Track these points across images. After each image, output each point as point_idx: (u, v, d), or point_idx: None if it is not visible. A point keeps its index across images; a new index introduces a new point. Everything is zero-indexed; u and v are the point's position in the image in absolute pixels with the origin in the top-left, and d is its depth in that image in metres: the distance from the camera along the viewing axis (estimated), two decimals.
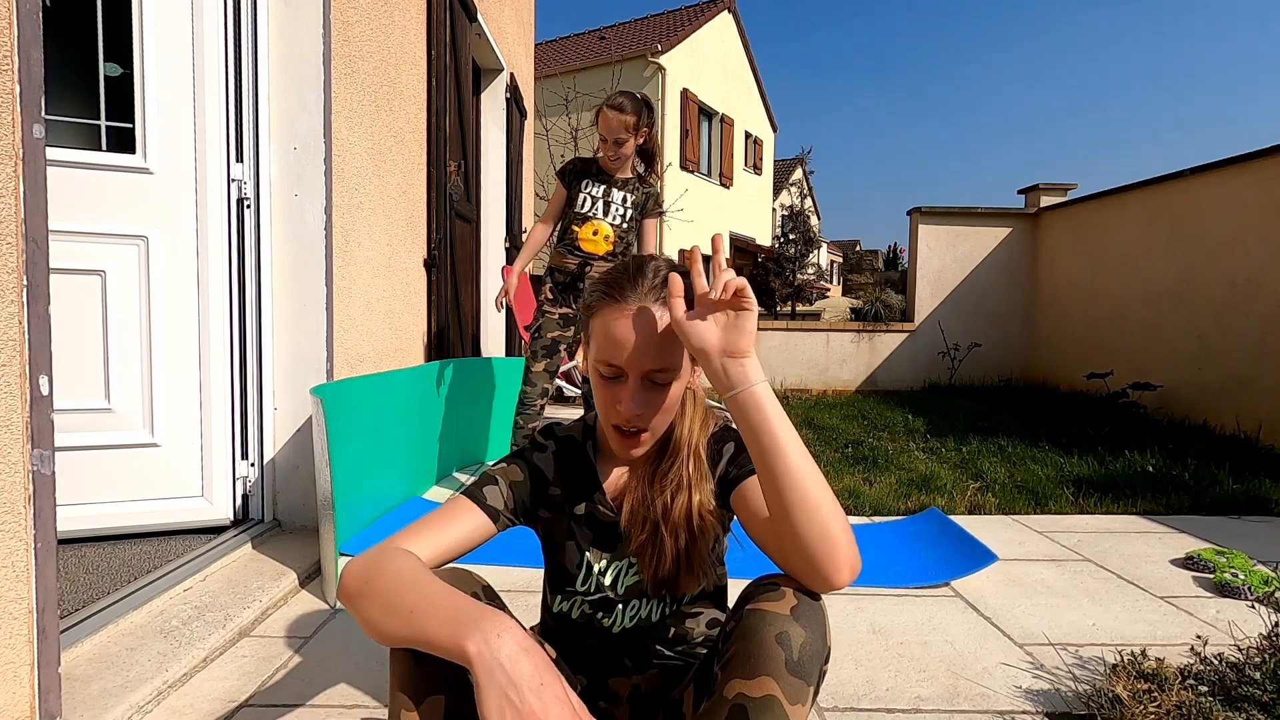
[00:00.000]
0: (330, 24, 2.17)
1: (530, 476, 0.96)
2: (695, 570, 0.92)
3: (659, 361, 0.85)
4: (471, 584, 0.81)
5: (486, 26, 4.24)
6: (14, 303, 1.09)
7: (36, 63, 1.11)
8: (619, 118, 2.45)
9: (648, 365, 0.84)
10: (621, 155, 2.51)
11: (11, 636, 1.11)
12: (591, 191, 2.57)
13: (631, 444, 0.88)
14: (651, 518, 0.91)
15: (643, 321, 0.84)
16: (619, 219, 2.59)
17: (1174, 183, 4.63)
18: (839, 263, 30.82)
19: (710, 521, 0.91)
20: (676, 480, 0.91)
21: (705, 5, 16.49)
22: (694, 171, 15.52)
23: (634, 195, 2.59)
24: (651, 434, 0.89)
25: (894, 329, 6.46)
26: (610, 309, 0.86)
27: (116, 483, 1.97)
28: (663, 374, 0.85)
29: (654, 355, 0.84)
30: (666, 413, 0.88)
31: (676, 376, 0.87)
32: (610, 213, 2.58)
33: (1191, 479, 3.01)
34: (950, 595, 1.91)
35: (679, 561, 0.90)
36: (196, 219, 2.02)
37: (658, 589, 0.93)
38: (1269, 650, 1.37)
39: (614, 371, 0.86)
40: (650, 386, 0.86)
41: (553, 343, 2.60)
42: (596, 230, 2.56)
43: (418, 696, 0.72)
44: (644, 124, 2.50)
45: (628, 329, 0.84)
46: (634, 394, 0.85)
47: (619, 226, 2.59)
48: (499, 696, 0.63)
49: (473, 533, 0.88)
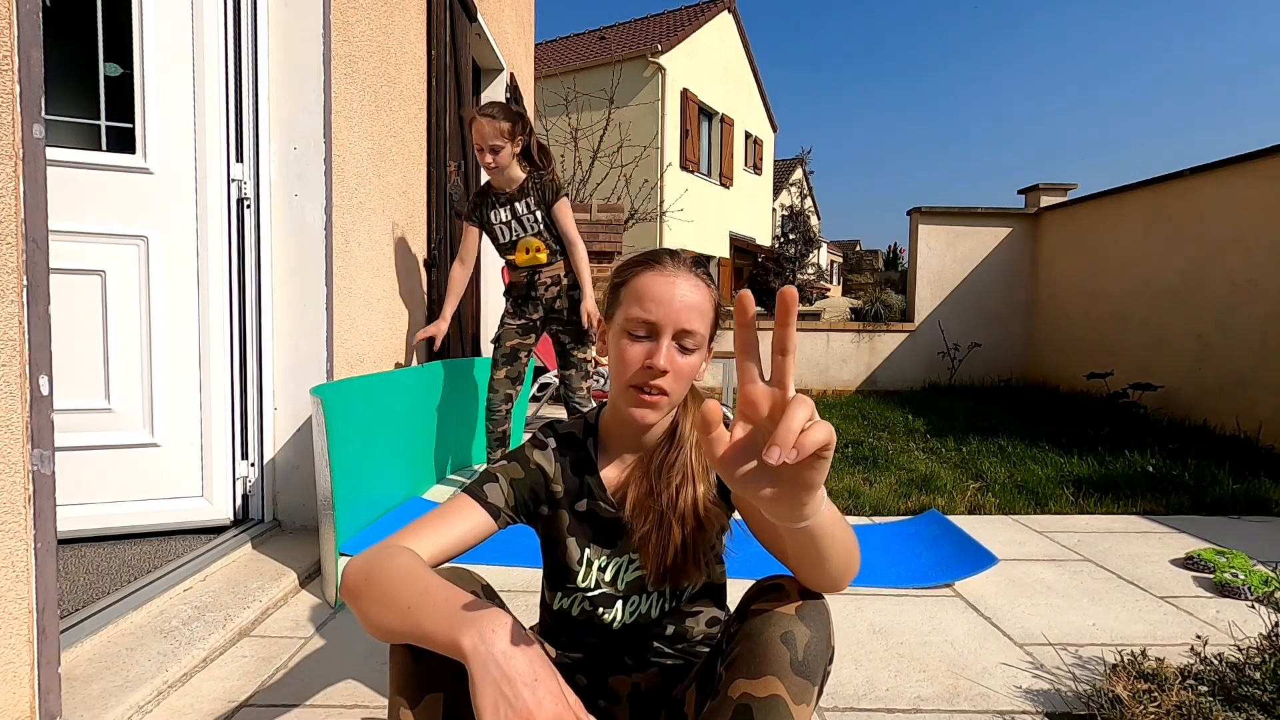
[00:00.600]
0: (330, 24, 2.17)
1: (530, 474, 0.97)
2: (699, 561, 0.93)
3: (693, 324, 0.88)
4: (471, 583, 0.82)
5: (486, 26, 4.24)
6: (14, 303, 1.09)
7: (36, 63, 1.11)
8: (492, 124, 2.45)
9: (683, 324, 0.88)
10: (499, 163, 2.50)
11: (11, 636, 1.11)
12: (501, 219, 2.62)
13: (650, 404, 0.89)
14: (657, 508, 0.92)
15: (684, 285, 0.89)
16: (537, 225, 2.60)
17: (1174, 183, 4.63)
18: (839, 263, 30.82)
19: (715, 513, 0.93)
20: (682, 471, 0.92)
21: (705, 5, 16.49)
22: (694, 171, 15.52)
23: (533, 197, 2.59)
24: (668, 401, 0.90)
25: (894, 329, 6.46)
26: (650, 272, 0.90)
27: (116, 483, 1.97)
28: (691, 339, 0.89)
29: (688, 317, 0.88)
30: (686, 381, 0.91)
31: (700, 347, 0.90)
32: (526, 227, 2.61)
33: (1191, 479, 3.01)
34: (950, 595, 1.91)
35: (684, 551, 0.91)
36: (196, 219, 2.02)
37: (660, 580, 0.93)
38: (1269, 650, 1.37)
39: (649, 329, 0.89)
40: (679, 350, 0.89)
41: (512, 350, 2.69)
42: (527, 248, 2.61)
43: (416, 695, 0.72)
44: (519, 132, 2.51)
45: (670, 287, 0.88)
46: (666, 348, 0.88)
47: (540, 234, 2.61)
48: (493, 691, 0.64)
49: (473, 530, 0.89)
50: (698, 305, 0.89)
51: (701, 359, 0.93)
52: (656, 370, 0.87)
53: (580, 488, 0.98)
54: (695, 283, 0.90)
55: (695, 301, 0.89)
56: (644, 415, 0.90)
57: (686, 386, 0.92)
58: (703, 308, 0.90)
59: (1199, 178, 4.42)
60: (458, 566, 0.83)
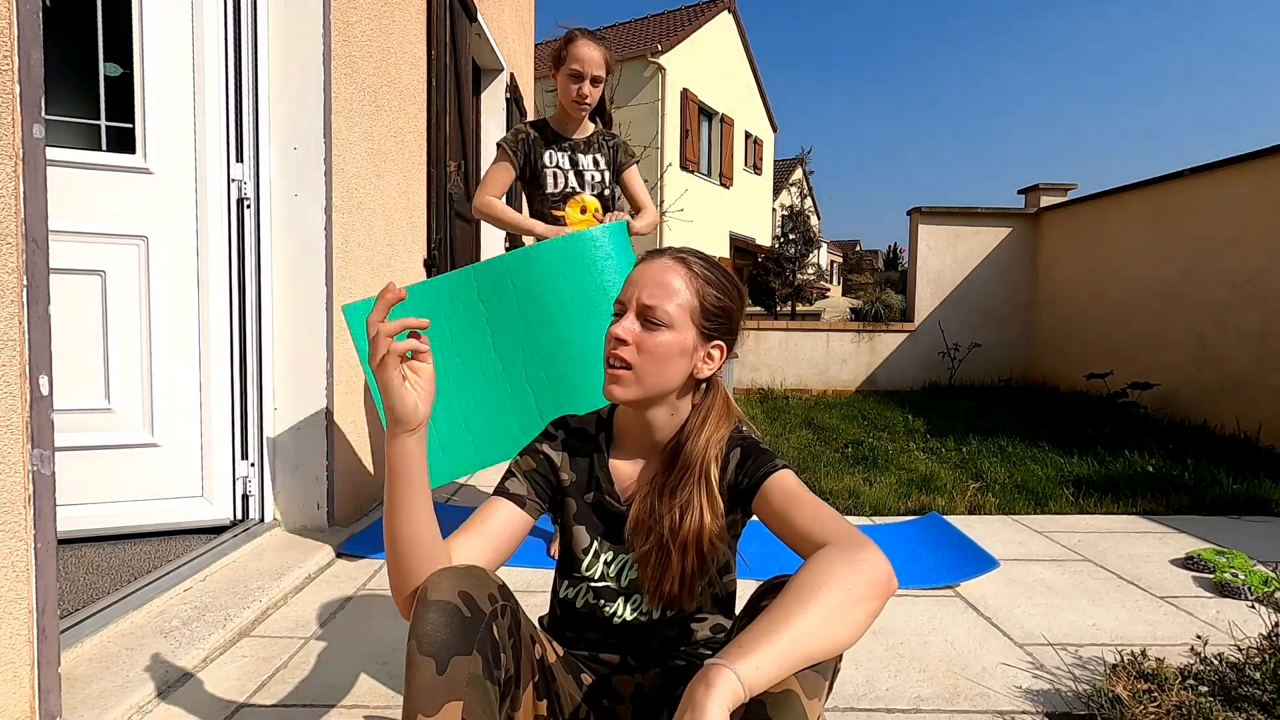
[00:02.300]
0: (330, 24, 2.17)
1: (540, 464, 1.00)
2: (695, 591, 0.93)
3: (652, 298, 0.91)
4: (488, 583, 0.81)
5: (486, 26, 4.24)
6: (14, 303, 1.09)
7: (36, 63, 1.11)
8: (601, 50, 2.10)
9: (645, 299, 0.91)
10: (593, 99, 2.14)
11: (11, 636, 1.11)
12: (559, 164, 2.17)
13: (613, 378, 0.92)
14: (657, 530, 0.92)
15: (656, 266, 0.93)
16: (600, 186, 2.22)
17: (1174, 183, 4.63)
18: (839, 263, 30.82)
19: (720, 548, 0.93)
20: (685, 500, 0.91)
21: (705, 5, 16.48)
22: (694, 171, 15.52)
23: (603, 154, 2.22)
24: (635, 378, 0.91)
25: (894, 329, 6.46)
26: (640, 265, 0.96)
27: (116, 483, 1.97)
28: (653, 312, 0.90)
29: (652, 293, 0.91)
30: (653, 359, 0.91)
31: (669, 326, 0.91)
32: (587, 184, 2.20)
33: (1191, 479, 3.01)
34: (950, 595, 1.91)
35: (680, 582, 0.91)
36: (196, 219, 2.02)
37: (657, 602, 0.94)
38: (1269, 650, 1.37)
39: (620, 309, 0.94)
40: (645, 325, 0.91)
41: None
42: (584, 208, 2.19)
43: (434, 705, 0.72)
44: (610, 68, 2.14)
45: (642, 269, 0.94)
46: (625, 321, 0.92)
47: (603, 195, 2.23)
48: None
49: (512, 524, 0.94)
50: (665, 284, 0.91)
51: (677, 344, 0.91)
52: (613, 338, 0.91)
53: (590, 479, 1.00)
54: (673, 265, 0.93)
55: (664, 280, 0.92)
56: (610, 391, 0.93)
57: (658, 368, 0.91)
58: (672, 287, 0.91)
59: (1199, 178, 4.42)
60: (474, 566, 0.83)
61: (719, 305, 0.94)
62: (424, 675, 0.72)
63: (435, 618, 0.74)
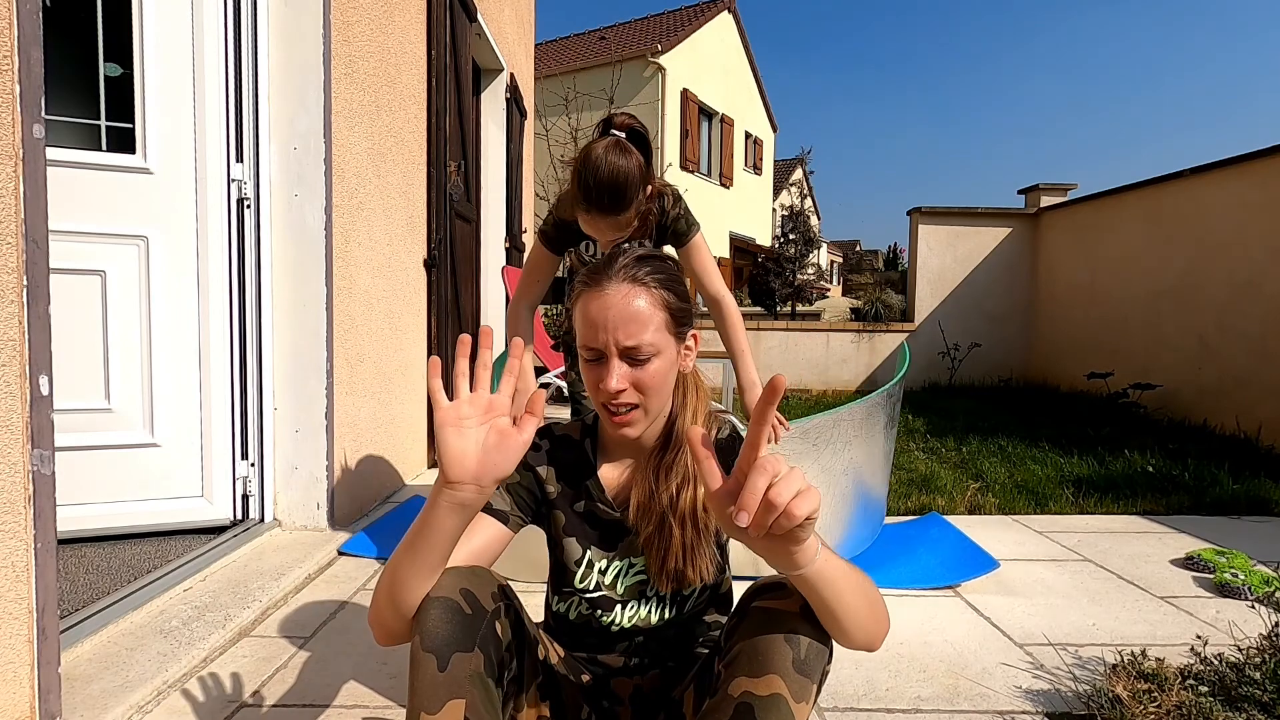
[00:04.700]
0: (330, 24, 2.17)
1: (524, 477, 0.97)
2: (700, 563, 0.92)
3: (631, 337, 0.86)
4: (490, 582, 0.81)
5: (486, 27, 4.24)
6: (14, 303, 1.09)
7: (36, 63, 1.11)
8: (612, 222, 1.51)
9: (624, 341, 0.86)
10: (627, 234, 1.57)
11: (11, 636, 1.11)
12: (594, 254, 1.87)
13: (622, 423, 0.89)
14: (659, 508, 0.91)
15: (617, 300, 0.87)
16: None
17: (1174, 183, 4.63)
18: (839, 263, 30.81)
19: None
20: (681, 472, 0.92)
21: (705, 5, 16.49)
22: (694, 171, 15.52)
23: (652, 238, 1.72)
24: (644, 412, 0.89)
25: (894, 329, 6.46)
26: (587, 293, 0.89)
27: (116, 483, 1.97)
28: (638, 350, 0.87)
29: (628, 332, 0.86)
30: (655, 390, 0.89)
31: (657, 354, 0.88)
32: None
33: (1191, 479, 3.01)
34: (950, 595, 1.91)
35: (684, 554, 0.91)
36: (196, 219, 2.02)
37: (662, 582, 0.93)
38: (1269, 650, 1.37)
39: (594, 354, 0.88)
40: (632, 363, 0.87)
41: None
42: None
43: (437, 703, 0.72)
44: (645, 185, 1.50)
45: (601, 309, 0.87)
46: (614, 370, 0.86)
47: None
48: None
49: (492, 539, 0.91)
50: (637, 315, 0.86)
51: (668, 363, 0.90)
52: (609, 393, 0.87)
53: (578, 489, 0.98)
54: (631, 291, 0.87)
55: (634, 312, 0.86)
56: (623, 433, 0.90)
57: (660, 394, 0.91)
58: (643, 315, 0.86)
59: (1199, 178, 4.42)
60: (477, 566, 0.83)
61: (681, 303, 0.93)
62: (426, 672, 0.72)
63: (437, 614, 0.74)
